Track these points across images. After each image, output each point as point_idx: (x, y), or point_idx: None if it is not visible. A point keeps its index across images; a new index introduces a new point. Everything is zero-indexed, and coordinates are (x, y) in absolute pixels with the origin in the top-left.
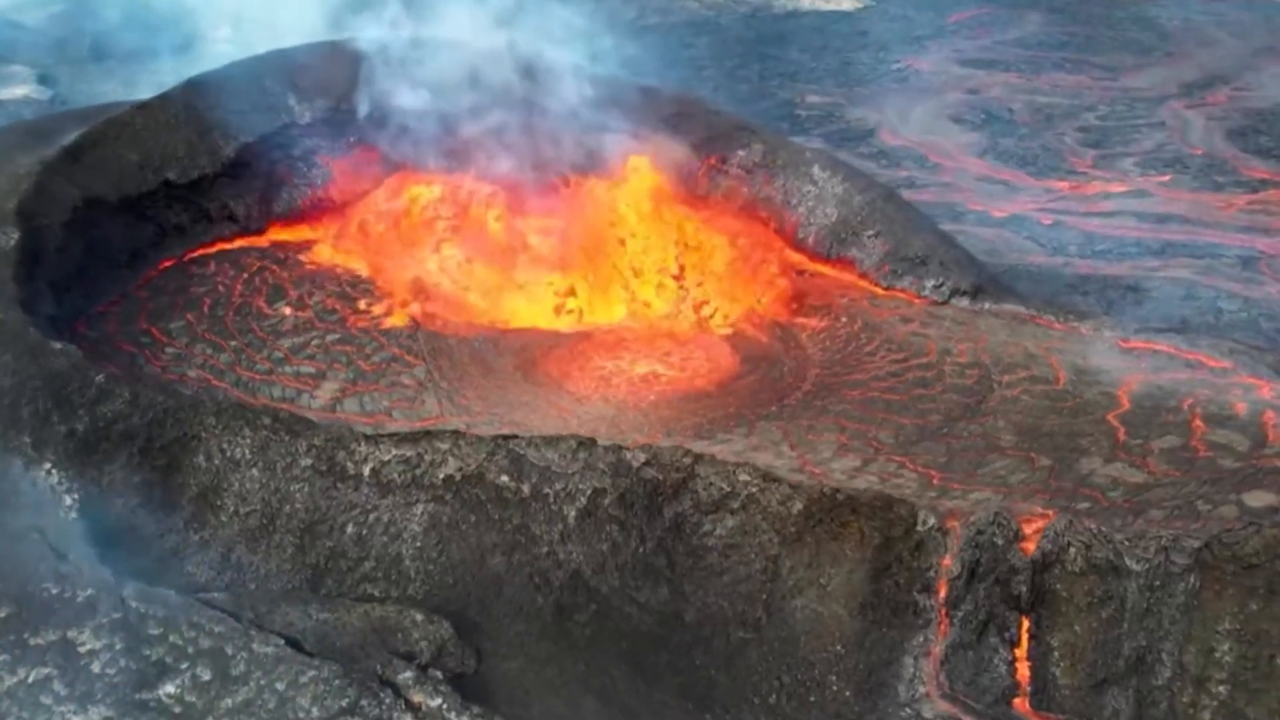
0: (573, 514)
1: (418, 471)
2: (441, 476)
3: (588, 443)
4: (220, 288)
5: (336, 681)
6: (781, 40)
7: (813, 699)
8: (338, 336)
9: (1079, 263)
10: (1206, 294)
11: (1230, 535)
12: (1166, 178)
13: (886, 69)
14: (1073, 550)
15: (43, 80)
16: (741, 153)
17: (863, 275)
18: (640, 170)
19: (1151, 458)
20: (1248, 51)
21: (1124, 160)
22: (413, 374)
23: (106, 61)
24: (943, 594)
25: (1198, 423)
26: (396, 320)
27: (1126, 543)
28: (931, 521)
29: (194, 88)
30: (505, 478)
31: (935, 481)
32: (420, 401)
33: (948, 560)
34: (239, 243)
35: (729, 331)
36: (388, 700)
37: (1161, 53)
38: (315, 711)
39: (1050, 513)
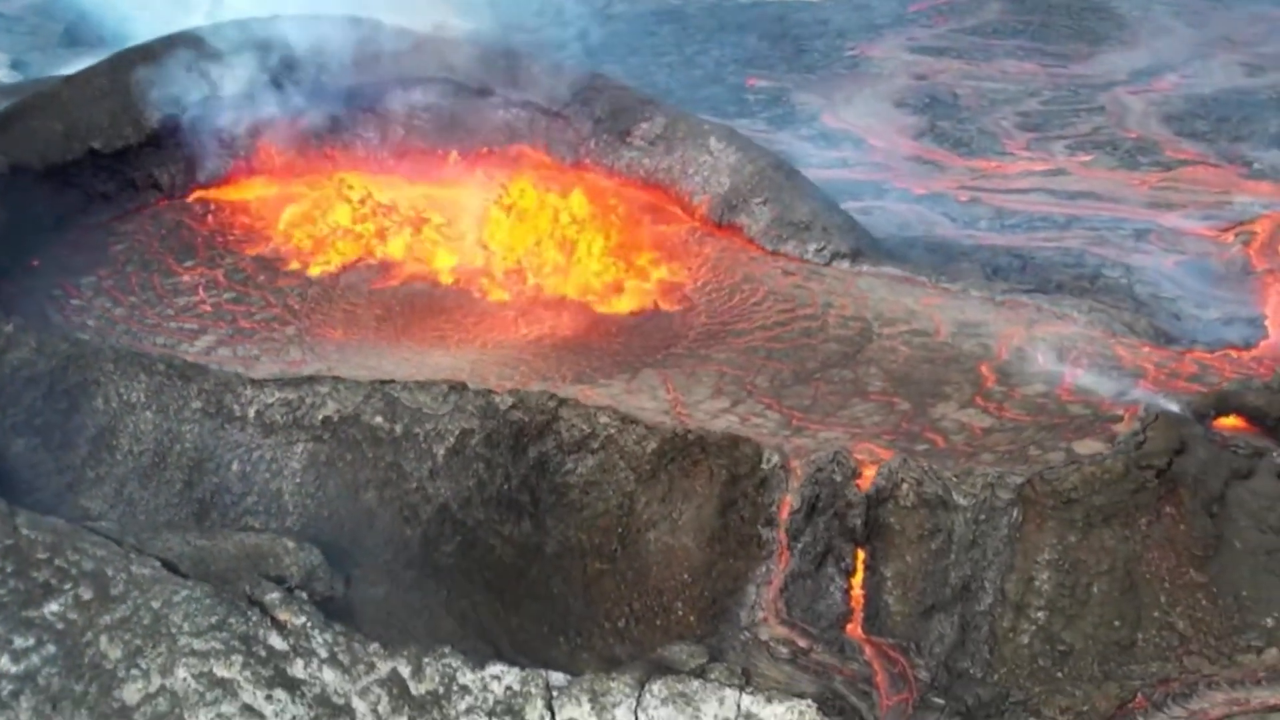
0: (441, 452)
1: (299, 413)
2: (321, 418)
3: (458, 386)
4: (137, 245)
5: (207, 600)
6: (742, 28)
7: (659, 623)
8: (232, 295)
9: (981, 235)
10: (1092, 262)
11: (1050, 472)
12: (1089, 158)
13: (839, 56)
14: (905, 486)
15: (15, 66)
16: (645, 125)
17: (750, 240)
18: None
19: (1010, 404)
20: (1201, 40)
21: (1056, 143)
22: (285, 332)
23: (79, 47)
24: (784, 527)
25: (1066, 373)
26: (293, 270)
27: (955, 479)
28: (775, 459)
29: (120, 61)
30: (380, 419)
31: (794, 422)
32: (285, 352)
33: (789, 495)
34: (164, 209)
35: (618, 292)
36: (255, 618)
37: (1115, 41)
38: (186, 627)
39: (888, 452)
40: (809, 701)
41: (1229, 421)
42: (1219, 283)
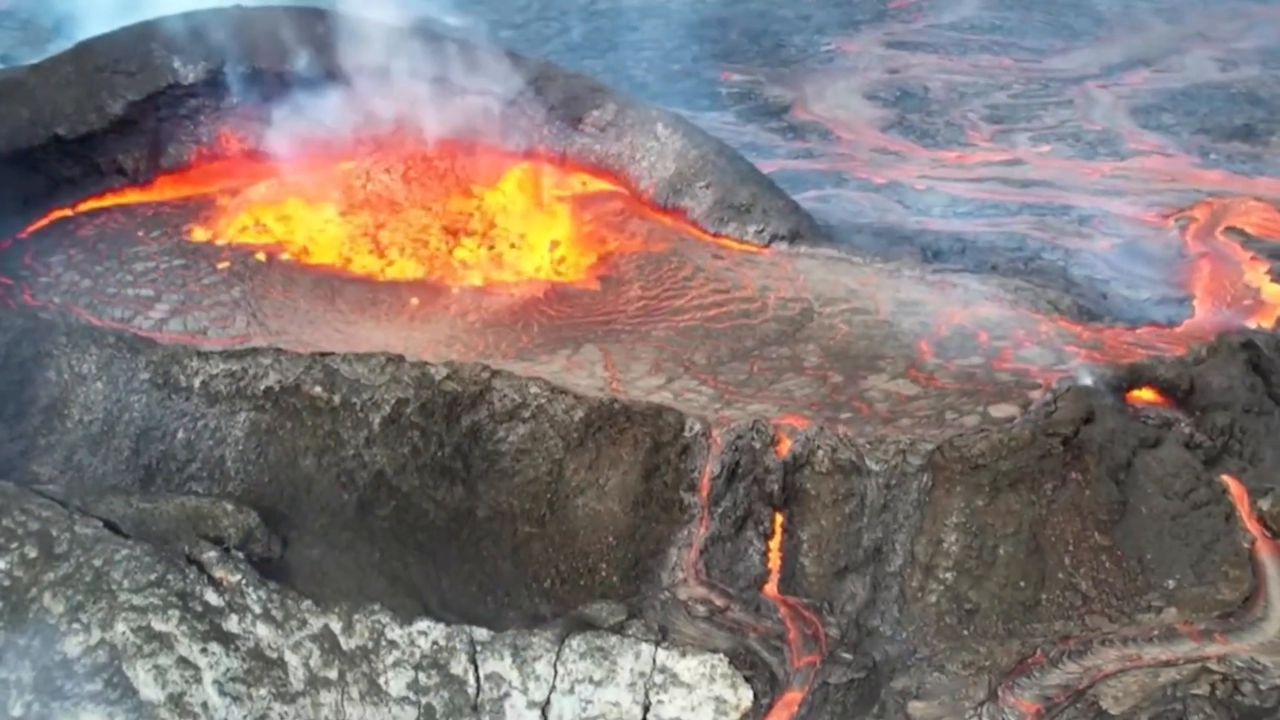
0: (378, 421)
1: (242, 383)
2: (263, 388)
3: (396, 358)
4: (108, 227)
5: (147, 559)
6: (723, 24)
7: (584, 584)
8: (182, 263)
9: (931, 221)
10: (1033, 245)
11: (960, 439)
12: (1048, 148)
13: (815, 51)
14: (820, 453)
15: (5, 60)
16: (596, 112)
17: (693, 222)
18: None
19: (942, 375)
20: (1177, 36)
21: (1020, 135)
22: (230, 294)
23: (65, 40)
24: (705, 492)
25: (1000, 347)
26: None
27: (868, 445)
28: (697, 428)
29: (85, 50)
30: (319, 389)
31: (725, 396)
32: (232, 320)
33: (710, 462)
34: (130, 193)
35: (562, 272)
36: (192, 575)
37: (1091, 37)
38: (126, 584)
39: (806, 420)
40: (721, 656)
41: (1142, 394)
42: (1153, 265)
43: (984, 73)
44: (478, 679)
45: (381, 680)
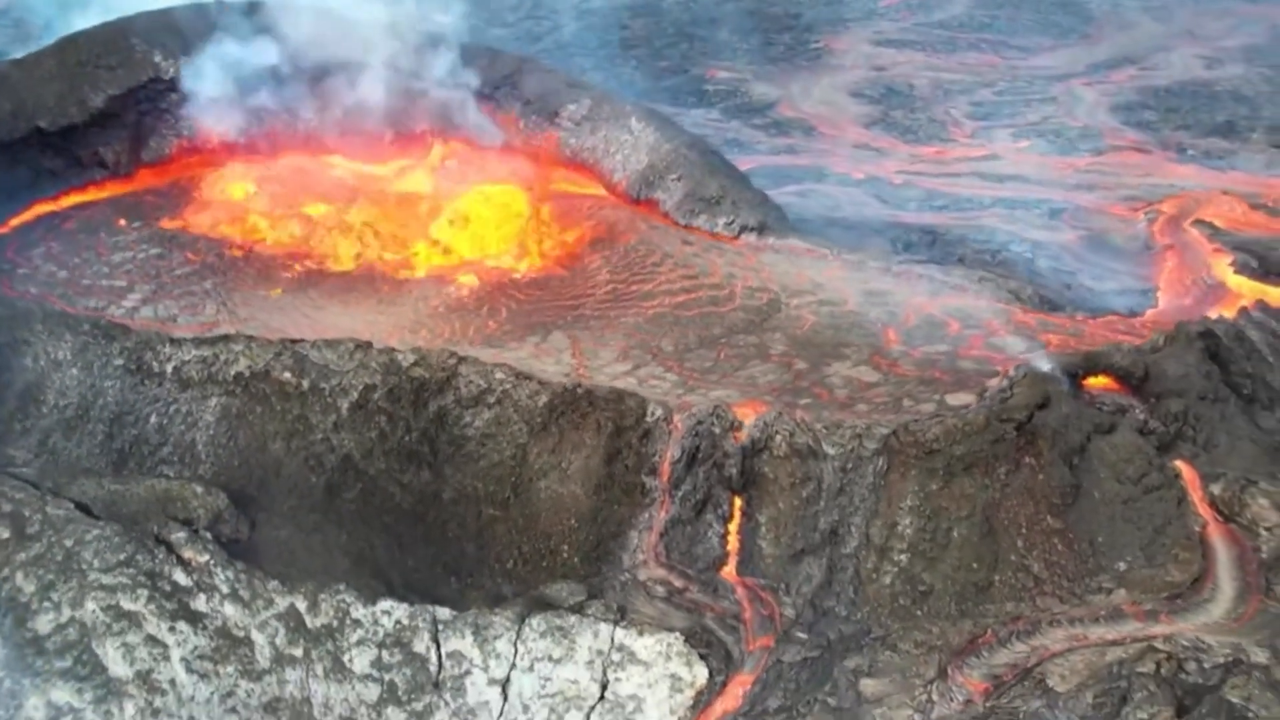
0: (346, 406)
1: (213, 369)
2: (233, 373)
3: (364, 345)
4: (90, 219)
5: (116, 539)
6: (714, 22)
7: (545, 565)
8: (158, 252)
9: (905, 215)
10: (1001, 238)
11: (915, 424)
12: (1025, 144)
13: (804, 49)
14: (778, 437)
15: None
16: (572, 106)
17: (665, 214)
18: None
19: (905, 363)
20: (1164, 34)
21: (1002, 131)
22: (203, 285)
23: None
24: (666, 476)
25: (964, 336)
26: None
27: (824, 430)
28: (659, 413)
29: (67, 44)
30: (288, 374)
31: (689, 382)
32: (202, 307)
33: (671, 446)
34: (110, 186)
35: (531, 262)
36: (160, 555)
37: (1080, 35)
38: (96, 564)
39: (766, 406)
40: (678, 635)
41: (1098, 381)
42: (1119, 257)
43: (970, 70)
44: (440, 657)
45: (346, 658)
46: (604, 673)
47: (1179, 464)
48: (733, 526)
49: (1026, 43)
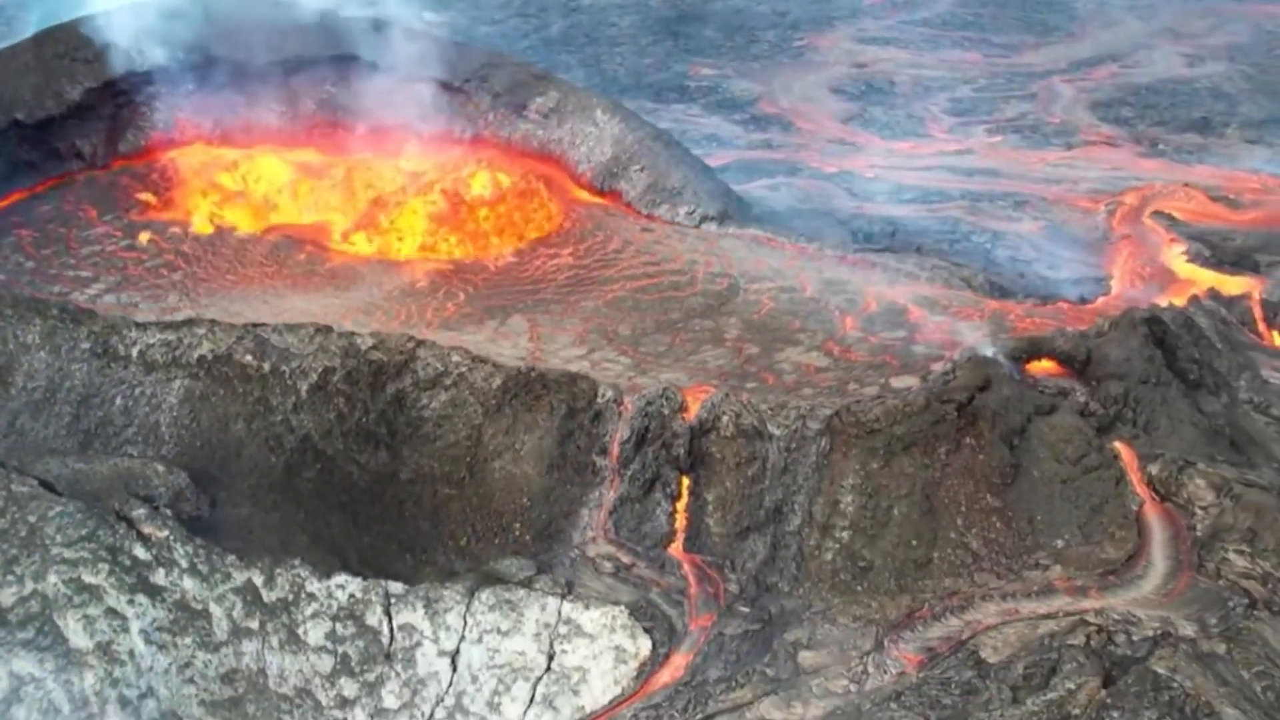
0: (305, 388)
1: (177, 353)
2: (196, 356)
3: (324, 329)
4: (65, 208)
5: (79, 515)
6: (700, 20)
7: (498, 541)
8: (128, 243)
9: (872, 206)
10: (963, 229)
11: (857, 405)
12: (999, 139)
13: (787, 46)
14: (725, 418)
15: None
16: (539, 99)
17: (628, 205)
18: None
19: (859, 348)
20: (1147, 32)
21: (978, 127)
22: (170, 278)
23: None
24: (616, 456)
25: (914, 323)
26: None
27: (770, 411)
28: (609, 395)
29: (45, 37)
30: (250, 357)
31: (641, 365)
32: (165, 295)
33: (621, 427)
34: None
35: (493, 248)
36: (121, 531)
37: (1064, 33)
38: (59, 538)
39: (713, 388)
40: (623, 608)
41: (1041, 364)
42: (1075, 246)
43: (951, 67)
44: (391, 629)
45: (300, 630)
46: (551, 645)
47: (1118, 445)
48: (680, 505)
49: (1009, 40)
